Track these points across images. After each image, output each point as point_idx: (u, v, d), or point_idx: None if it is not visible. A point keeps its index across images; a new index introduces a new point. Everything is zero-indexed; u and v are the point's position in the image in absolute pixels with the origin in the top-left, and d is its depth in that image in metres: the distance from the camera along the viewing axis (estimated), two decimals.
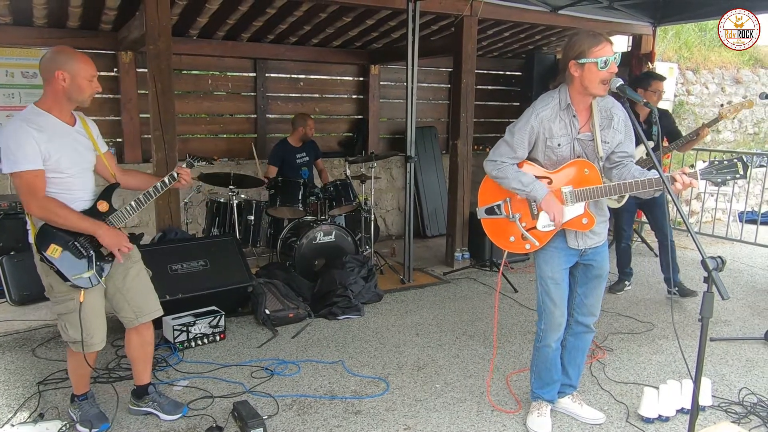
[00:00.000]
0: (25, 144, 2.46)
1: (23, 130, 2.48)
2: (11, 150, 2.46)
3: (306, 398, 3.24)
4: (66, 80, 2.54)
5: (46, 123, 2.56)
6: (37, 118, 2.55)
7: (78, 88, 2.57)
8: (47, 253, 2.54)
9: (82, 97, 2.61)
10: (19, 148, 2.45)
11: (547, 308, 2.82)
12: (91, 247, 2.65)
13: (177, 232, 4.56)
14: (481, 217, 2.90)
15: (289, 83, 7.15)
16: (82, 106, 2.66)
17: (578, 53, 2.54)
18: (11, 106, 5.63)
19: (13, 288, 4.56)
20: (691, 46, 10.36)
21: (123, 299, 2.83)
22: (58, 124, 2.60)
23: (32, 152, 2.47)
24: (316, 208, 5.24)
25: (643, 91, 4.58)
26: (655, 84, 4.61)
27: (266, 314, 4.22)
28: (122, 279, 2.82)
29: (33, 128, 2.49)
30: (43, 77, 2.58)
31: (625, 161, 2.71)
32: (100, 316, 2.76)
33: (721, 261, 2.05)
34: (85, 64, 2.58)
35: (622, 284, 5.15)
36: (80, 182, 2.67)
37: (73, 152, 2.62)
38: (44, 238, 2.56)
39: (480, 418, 3.06)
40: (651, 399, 3.00)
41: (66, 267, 2.58)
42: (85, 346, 2.69)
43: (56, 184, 2.58)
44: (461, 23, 5.54)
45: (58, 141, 2.56)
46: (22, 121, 2.51)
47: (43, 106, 2.59)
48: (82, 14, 5.14)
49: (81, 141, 2.69)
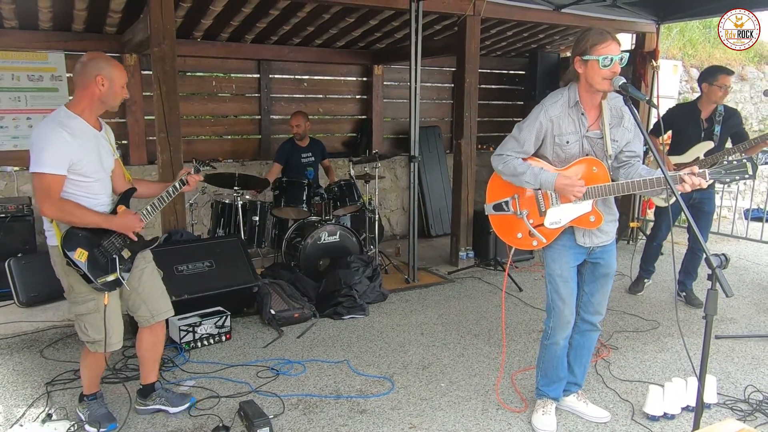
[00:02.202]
0: (55, 147, 2.51)
1: (57, 134, 2.52)
2: (41, 151, 2.50)
3: (311, 398, 3.26)
4: (105, 85, 2.62)
5: (78, 127, 2.62)
6: (71, 122, 2.60)
7: (113, 94, 2.66)
8: (75, 257, 2.59)
9: (115, 103, 2.70)
10: (49, 150, 2.50)
11: (556, 306, 2.83)
12: (114, 250, 2.71)
13: (182, 233, 4.58)
14: (489, 213, 2.91)
15: (292, 84, 7.18)
16: (111, 110, 2.75)
17: (583, 50, 2.55)
18: (17, 110, 5.67)
19: (21, 289, 4.59)
20: (696, 44, 10.33)
21: (139, 299, 2.89)
22: (87, 129, 2.66)
23: (60, 157, 2.51)
24: (321, 209, 5.25)
25: (708, 85, 4.27)
26: (722, 78, 4.23)
27: (271, 314, 4.24)
28: (137, 279, 2.87)
29: (66, 132, 2.54)
30: (79, 81, 2.64)
31: (633, 161, 2.71)
32: (118, 317, 2.81)
33: (725, 258, 2.06)
34: (122, 72, 2.69)
35: (642, 283, 5.04)
36: (102, 187, 2.73)
37: (98, 157, 2.68)
38: (71, 242, 2.60)
39: (485, 417, 3.07)
40: (656, 397, 3.00)
41: (92, 270, 2.62)
42: (103, 345, 2.73)
43: (81, 188, 2.63)
44: (464, 23, 5.55)
45: (87, 145, 2.62)
46: (56, 124, 2.55)
47: (75, 110, 2.64)
48: (87, 17, 5.17)
49: (104, 146, 2.76)
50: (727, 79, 4.26)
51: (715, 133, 4.32)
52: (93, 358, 2.83)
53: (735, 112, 4.45)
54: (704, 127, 4.37)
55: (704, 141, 4.36)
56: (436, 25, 6.32)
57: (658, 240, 4.91)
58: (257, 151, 7.02)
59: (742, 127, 4.45)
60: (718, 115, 4.34)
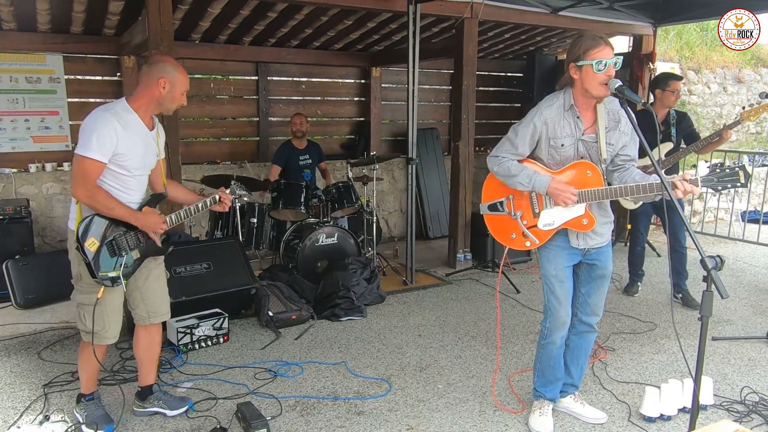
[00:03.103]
0: (103, 134, 2.55)
1: (108, 121, 2.58)
2: (89, 134, 2.55)
3: (309, 399, 3.26)
4: (165, 88, 2.68)
5: (132, 121, 2.67)
6: (125, 114, 2.65)
7: (172, 98, 2.72)
8: (86, 245, 2.61)
9: (171, 106, 2.76)
10: (97, 135, 2.54)
11: (552, 306, 2.84)
12: (123, 248, 2.71)
13: (180, 235, 4.59)
14: (484, 213, 2.94)
15: (291, 86, 7.19)
16: (166, 113, 2.81)
17: (576, 56, 2.56)
18: (15, 111, 5.67)
19: (19, 291, 4.58)
20: (693, 46, 10.36)
21: (140, 297, 2.90)
22: (140, 125, 2.71)
23: (106, 144, 2.55)
24: (319, 211, 5.26)
25: (661, 91, 4.58)
26: (673, 84, 4.58)
27: (269, 316, 4.24)
28: (144, 279, 2.88)
29: (119, 122, 2.60)
30: (144, 79, 2.71)
31: (627, 165, 2.73)
32: (118, 312, 2.82)
33: (720, 260, 2.07)
34: (185, 79, 2.75)
35: (636, 286, 5.12)
36: (138, 184, 2.77)
37: (143, 155, 2.73)
38: (87, 230, 2.62)
39: (482, 418, 3.08)
40: (653, 398, 3.01)
41: (97, 263, 2.64)
42: (98, 337, 2.74)
43: (119, 180, 2.67)
44: (462, 25, 5.56)
45: (135, 140, 2.67)
46: (111, 113, 2.61)
47: (133, 105, 2.70)
48: (86, 19, 5.18)
49: (151, 145, 2.79)
50: (678, 84, 4.63)
51: (672, 134, 4.59)
52: (88, 352, 2.81)
53: (685, 115, 4.80)
54: (661, 129, 4.59)
55: (664, 142, 4.58)
56: (433, 28, 6.34)
57: (641, 243, 5.03)
58: (255, 153, 7.02)
59: (693, 128, 4.75)
60: (672, 119, 4.64)
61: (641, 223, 4.94)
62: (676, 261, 4.77)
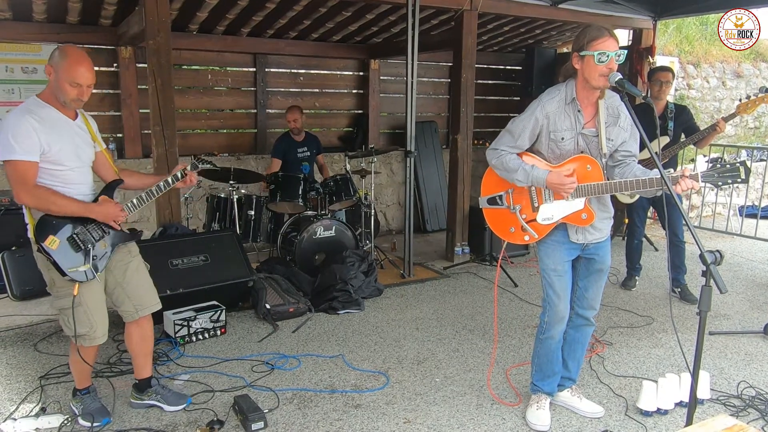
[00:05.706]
0: (23, 134, 2.48)
1: (22, 119, 2.50)
2: (9, 138, 2.48)
3: (306, 392, 3.26)
4: (51, 76, 2.58)
5: (47, 114, 2.58)
6: (38, 109, 2.57)
7: (59, 88, 2.58)
8: (45, 244, 2.55)
9: (63, 98, 2.60)
10: (17, 137, 2.47)
11: (550, 300, 2.84)
12: (88, 240, 2.66)
13: (177, 227, 4.57)
14: (483, 206, 2.92)
15: (289, 78, 7.15)
16: (65, 107, 2.64)
17: (580, 46, 2.55)
18: (11, 102, 5.63)
19: (15, 283, 4.55)
20: (692, 40, 10.34)
21: (123, 293, 2.86)
22: (58, 116, 2.62)
23: (30, 143, 2.49)
24: (317, 203, 5.24)
25: (649, 83, 4.61)
26: (657, 75, 4.59)
27: (267, 309, 4.24)
28: (122, 273, 2.84)
29: (33, 119, 2.52)
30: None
31: (628, 160, 2.71)
32: (102, 310, 2.78)
33: (720, 255, 2.06)
34: (72, 68, 2.54)
35: (633, 280, 5.13)
36: (79, 176, 2.69)
37: (72, 145, 2.64)
38: (43, 230, 2.57)
39: (479, 412, 3.08)
40: (650, 392, 3.01)
41: (63, 259, 2.58)
42: (88, 339, 2.71)
43: (56, 177, 2.60)
44: (461, 17, 5.53)
45: (58, 133, 2.59)
46: (23, 111, 2.54)
47: (43, 98, 2.63)
48: (82, 9, 5.13)
49: (81, 135, 2.71)
50: (662, 74, 4.59)
51: (669, 128, 4.58)
52: (79, 354, 2.79)
53: (685, 108, 4.77)
54: (659, 123, 4.58)
55: (661, 136, 4.57)
56: (432, 20, 6.30)
57: (638, 237, 5.02)
58: (253, 145, 6.99)
59: (693, 121, 4.71)
60: (669, 112, 4.61)
61: (638, 216, 4.94)
62: (674, 255, 4.77)
